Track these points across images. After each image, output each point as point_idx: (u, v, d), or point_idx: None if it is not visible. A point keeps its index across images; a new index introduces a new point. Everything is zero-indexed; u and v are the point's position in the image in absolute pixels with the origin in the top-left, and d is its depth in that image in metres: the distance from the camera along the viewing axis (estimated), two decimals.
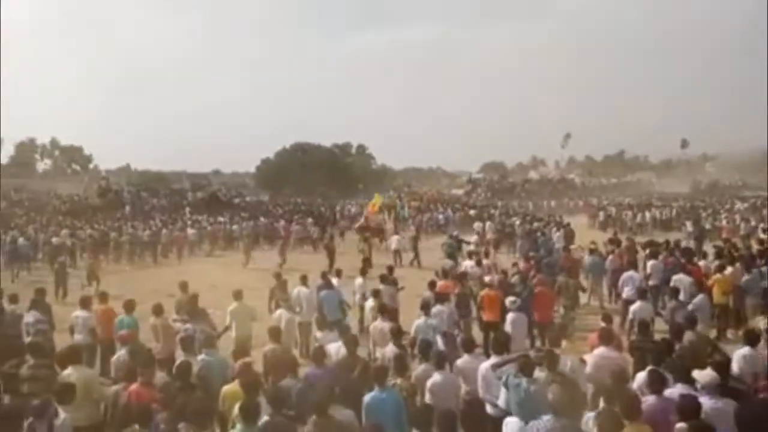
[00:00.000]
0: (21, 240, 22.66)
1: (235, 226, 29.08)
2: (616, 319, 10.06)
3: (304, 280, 11.04)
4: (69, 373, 6.11)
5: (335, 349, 6.93)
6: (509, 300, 8.99)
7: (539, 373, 5.64)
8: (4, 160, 69.50)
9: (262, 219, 32.23)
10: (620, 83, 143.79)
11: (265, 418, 4.86)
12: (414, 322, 8.47)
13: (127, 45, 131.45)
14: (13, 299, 9.93)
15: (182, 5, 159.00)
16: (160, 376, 6.17)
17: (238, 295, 9.53)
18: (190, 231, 26.84)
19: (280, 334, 7.80)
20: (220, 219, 30.97)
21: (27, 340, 8.72)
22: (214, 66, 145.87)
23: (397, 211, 32.67)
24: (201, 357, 6.76)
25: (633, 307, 9.26)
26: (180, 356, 7.19)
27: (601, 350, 6.49)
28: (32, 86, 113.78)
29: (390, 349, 6.95)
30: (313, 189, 56.20)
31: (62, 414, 5.02)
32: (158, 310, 8.79)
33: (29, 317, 9.04)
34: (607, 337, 6.68)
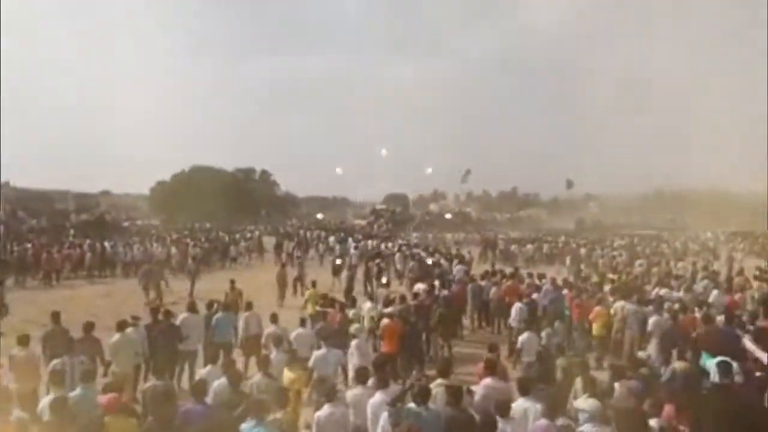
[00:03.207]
0: None
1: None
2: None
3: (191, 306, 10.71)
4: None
5: (218, 386, 6.55)
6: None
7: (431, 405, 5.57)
8: None
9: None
10: (516, 123, 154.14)
11: None
12: (313, 353, 8.34)
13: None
14: None
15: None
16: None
17: (121, 326, 8.98)
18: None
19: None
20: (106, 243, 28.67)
21: None
22: (102, 78, 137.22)
23: None
24: (75, 392, 6.28)
25: (522, 337, 9.67)
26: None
27: (487, 381, 6.61)
28: None
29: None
30: (212, 214, 54.19)
31: None
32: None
33: None
34: (492, 368, 6.83)
